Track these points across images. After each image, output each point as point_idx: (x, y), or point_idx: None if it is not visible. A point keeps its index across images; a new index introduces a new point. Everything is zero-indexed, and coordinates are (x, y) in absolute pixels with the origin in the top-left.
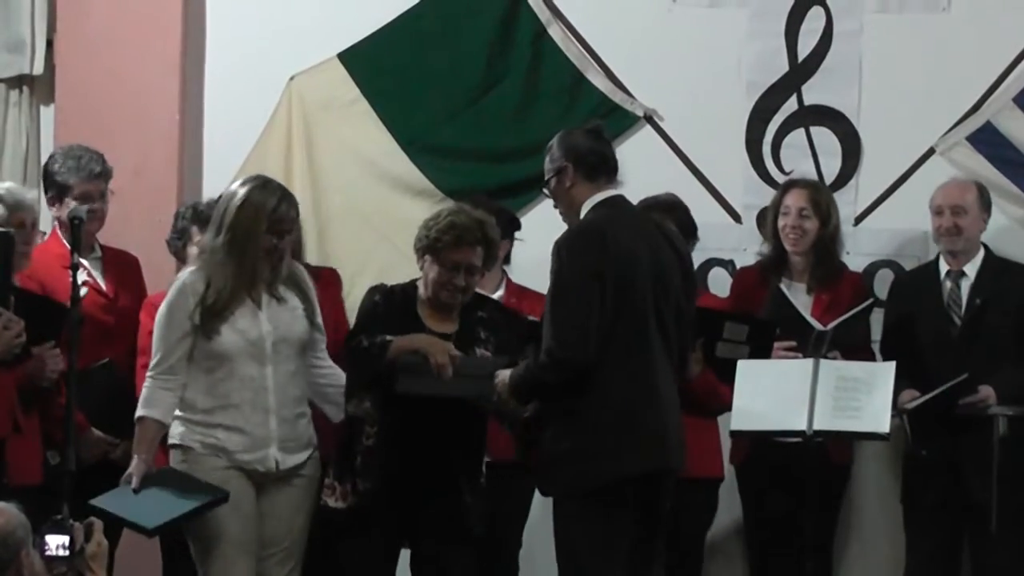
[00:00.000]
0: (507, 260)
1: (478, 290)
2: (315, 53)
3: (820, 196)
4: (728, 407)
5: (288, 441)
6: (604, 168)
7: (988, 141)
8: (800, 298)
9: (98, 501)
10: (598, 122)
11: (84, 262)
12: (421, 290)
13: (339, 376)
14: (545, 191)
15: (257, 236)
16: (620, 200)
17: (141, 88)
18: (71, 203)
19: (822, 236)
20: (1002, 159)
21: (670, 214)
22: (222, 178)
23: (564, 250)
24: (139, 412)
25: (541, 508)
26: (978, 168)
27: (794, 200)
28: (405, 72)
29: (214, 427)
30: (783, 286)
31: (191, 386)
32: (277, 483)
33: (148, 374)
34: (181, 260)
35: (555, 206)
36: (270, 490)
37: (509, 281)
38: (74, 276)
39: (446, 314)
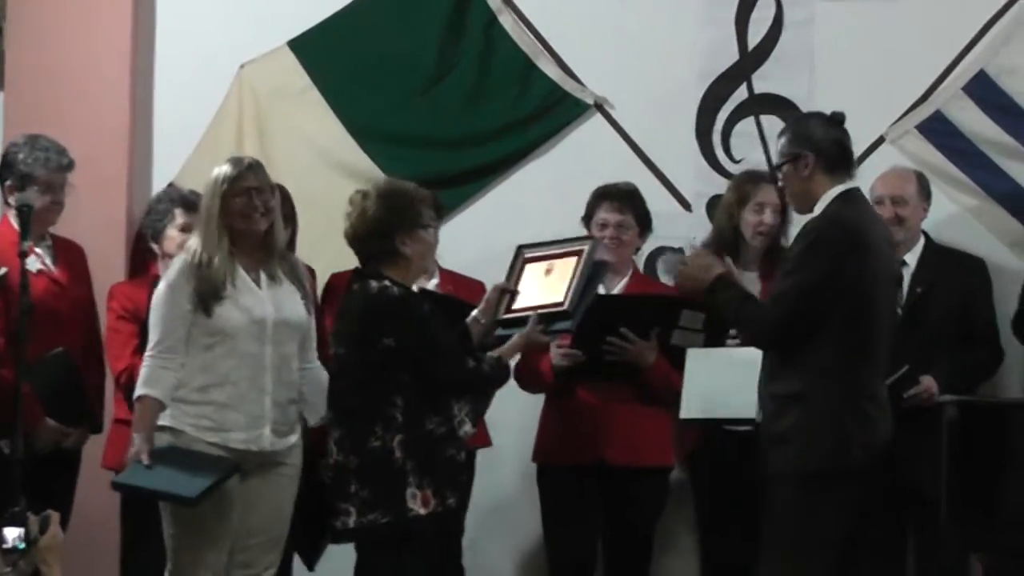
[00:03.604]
0: None
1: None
2: (265, 41)
3: (783, 191)
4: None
5: (280, 425)
6: (845, 160)
7: (938, 130)
8: (753, 286)
9: (123, 479)
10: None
11: (38, 250)
12: (412, 277)
13: (322, 379)
14: (777, 173)
15: (225, 200)
16: (859, 194)
17: (91, 75)
18: (33, 192)
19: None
20: (951, 148)
21: (628, 202)
22: (172, 166)
23: (821, 241)
24: (139, 391)
25: (486, 494)
26: (928, 157)
27: (770, 198)
28: (356, 60)
29: (206, 405)
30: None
31: (186, 364)
32: (264, 470)
33: (148, 353)
34: (157, 244)
35: (781, 187)
36: (256, 478)
37: (441, 268)
38: (23, 263)
39: None
